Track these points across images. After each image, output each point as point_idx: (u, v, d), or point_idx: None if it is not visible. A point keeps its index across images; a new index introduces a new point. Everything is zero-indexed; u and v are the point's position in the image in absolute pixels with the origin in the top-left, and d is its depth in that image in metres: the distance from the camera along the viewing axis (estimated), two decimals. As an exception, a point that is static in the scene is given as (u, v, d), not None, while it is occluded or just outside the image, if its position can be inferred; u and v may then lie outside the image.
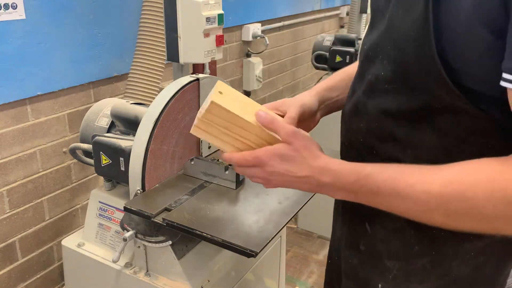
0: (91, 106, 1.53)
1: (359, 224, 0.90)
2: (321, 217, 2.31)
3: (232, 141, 0.81)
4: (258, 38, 2.90)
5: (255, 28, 2.86)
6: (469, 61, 0.65)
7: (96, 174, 1.61)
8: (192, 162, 1.31)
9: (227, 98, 0.79)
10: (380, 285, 0.87)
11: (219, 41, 1.64)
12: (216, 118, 0.78)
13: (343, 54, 2.55)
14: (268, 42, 2.95)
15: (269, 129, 0.78)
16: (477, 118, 0.68)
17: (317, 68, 2.70)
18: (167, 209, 1.15)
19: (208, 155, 1.42)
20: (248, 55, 2.93)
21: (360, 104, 0.84)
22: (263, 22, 2.96)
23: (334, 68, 2.93)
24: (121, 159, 1.27)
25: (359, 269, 0.92)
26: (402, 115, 0.75)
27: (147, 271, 1.28)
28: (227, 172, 1.25)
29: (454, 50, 0.65)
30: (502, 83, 0.61)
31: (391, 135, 0.78)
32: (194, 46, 1.58)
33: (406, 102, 0.74)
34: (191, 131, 0.81)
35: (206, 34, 1.58)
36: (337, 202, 1.03)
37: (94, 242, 1.42)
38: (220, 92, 0.79)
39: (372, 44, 0.81)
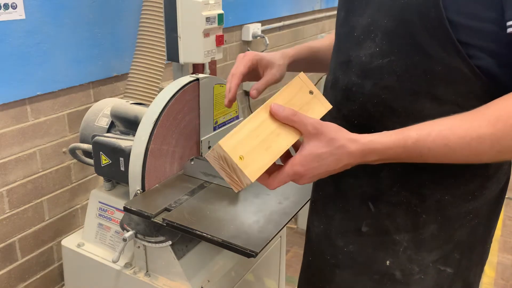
0: (91, 106, 1.52)
1: (359, 206, 0.90)
2: (321, 217, 2.31)
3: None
4: (258, 38, 2.90)
5: (255, 28, 2.86)
6: (472, 14, 0.70)
7: (96, 174, 1.61)
8: (192, 162, 1.31)
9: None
10: (388, 262, 0.88)
11: (219, 41, 1.64)
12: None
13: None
14: (268, 42, 2.95)
15: (290, 122, 0.75)
16: (470, 81, 0.73)
17: (317, 68, 2.69)
18: (167, 209, 1.15)
19: (208, 155, 1.42)
20: (248, 55, 2.93)
21: (355, 87, 0.84)
22: (263, 22, 2.96)
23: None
24: (121, 159, 1.27)
25: (357, 255, 0.91)
26: (400, 87, 0.78)
27: (147, 271, 1.28)
28: (227, 172, 1.25)
29: (458, 5, 0.70)
30: (510, 30, 0.68)
31: (390, 110, 0.80)
32: (194, 46, 1.58)
33: (404, 72, 0.77)
34: (236, 191, 0.78)
35: (206, 34, 1.58)
36: (318, 197, 1.02)
37: (94, 242, 1.42)
38: (240, 158, 0.73)
39: (363, 27, 0.82)
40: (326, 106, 0.82)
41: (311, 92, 0.80)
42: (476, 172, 0.83)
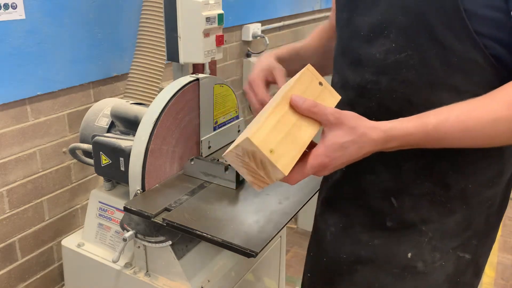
0: (91, 106, 1.52)
1: (382, 202, 0.90)
2: (321, 217, 2.31)
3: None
4: (258, 38, 2.90)
5: (255, 28, 2.86)
6: (487, 3, 0.71)
7: (96, 174, 1.61)
8: (192, 162, 1.31)
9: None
10: (409, 255, 0.89)
11: (219, 41, 1.64)
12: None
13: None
14: (268, 42, 2.95)
15: (311, 114, 0.74)
16: (486, 72, 0.75)
17: (317, 68, 2.69)
18: (167, 209, 1.15)
19: (208, 155, 1.42)
20: (248, 55, 2.93)
21: (369, 84, 0.85)
22: (263, 22, 2.96)
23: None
24: (121, 159, 1.27)
25: (381, 249, 0.92)
26: (418, 80, 0.79)
27: (147, 271, 1.28)
28: (227, 172, 1.25)
29: None
30: None
31: (408, 103, 0.81)
32: (194, 46, 1.58)
33: (421, 66, 0.78)
34: (258, 190, 0.77)
35: (206, 34, 1.58)
36: (334, 196, 1.02)
37: (94, 242, 1.42)
38: (271, 151, 0.71)
39: (373, 26, 0.83)
40: (336, 97, 0.82)
41: (320, 84, 0.79)
42: (492, 159, 0.85)
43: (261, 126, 0.70)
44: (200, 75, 1.34)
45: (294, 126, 0.73)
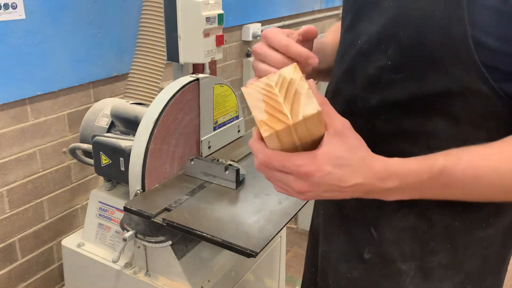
0: (91, 106, 1.52)
1: (361, 231, 0.82)
2: (321, 217, 2.31)
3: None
4: (258, 38, 2.90)
5: (255, 28, 2.86)
6: (506, 37, 0.61)
7: (96, 174, 1.61)
8: (192, 162, 1.31)
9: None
10: None
11: (219, 41, 1.64)
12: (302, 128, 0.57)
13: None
14: (268, 42, 2.94)
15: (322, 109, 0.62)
16: (490, 101, 0.66)
17: (317, 68, 2.69)
18: (167, 209, 1.15)
19: (208, 155, 1.42)
20: (248, 55, 2.93)
21: (359, 100, 0.77)
22: (263, 22, 2.96)
23: (334, 68, 2.94)
24: (121, 159, 1.27)
25: (362, 282, 0.84)
26: (412, 105, 0.70)
27: (147, 271, 1.28)
28: (227, 172, 1.25)
29: (489, 24, 0.62)
30: None
31: (399, 128, 0.73)
32: (194, 46, 1.58)
33: (418, 90, 0.69)
34: (265, 135, 0.57)
35: (206, 34, 1.58)
36: (319, 215, 0.94)
37: (94, 242, 1.42)
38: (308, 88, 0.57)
39: (370, 36, 0.74)
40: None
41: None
42: None
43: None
44: (200, 75, 1.34)
45: None
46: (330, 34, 1.02)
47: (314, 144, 0.61)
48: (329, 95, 0.84)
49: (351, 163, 0.61)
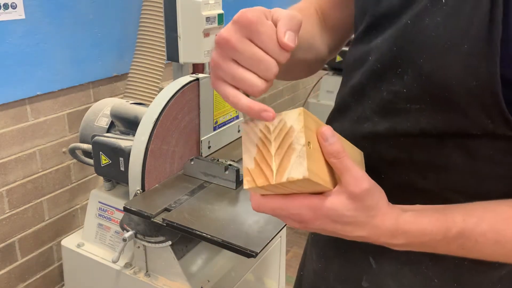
0: (90, 106, 1.52)
1: (360, 258, 0.75)
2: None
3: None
4: (258, 38, 2.89)
5: (255, 28, 2.85)
6: None
7: (95, 174, 1.61)
8: (192, 162, 1.31)
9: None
10: None
11: (219, 41, 1.64)
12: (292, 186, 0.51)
13: (343, 53, 2.55)
14: (268, 42, 2.94)
15: (332, 163, 0.54)
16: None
17: (317, 68, 2.69)
18: (167, 209, 1.14)
19: (208, 155, 1.42)
20: (248, 55, 2.92)
21: (367, 123, 0.69)
22: (263, 22, 2.96)
23: (334, 68, 2.93)
24: (121, 159, 1.27)
25: None
26: (425, 137, 0.62)
27: (147, 271, 1.28)
28: (227, 172, 1.25)
29: None
30: None
31: (408, 157, 0.65)
32: (194, 46, 1.58)
33: (433, 126, 0.61)
34: (246, 187, 0.51)
35: (206, 34, 1.58)
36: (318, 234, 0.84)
37: (93, 243, 1.42)
38: (309, 144, 0.50)
39: (383, 55, 0.64)
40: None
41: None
42: None
43: (304, 115, 0.51)
44: (200, 75, 1.34)
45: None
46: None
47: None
48: (336, 109, 0.76)
49: (358, 220, 0.55)
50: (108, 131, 1.40)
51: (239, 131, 1.56)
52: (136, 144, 1.21)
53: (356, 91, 0.70)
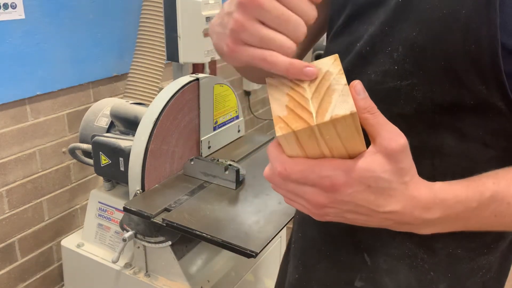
0: (90, 106, 1.52)
1: (352, 256, 0.73)
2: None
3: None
4: (258, 38, 2.89)
5: (255, 28, 2.85)
6: None
7: (95, 174, 1.61)
8: (192, 162, 1.31)
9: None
10: None
11: (219, 41, 1.64)
12: (332, 131, 0.45)
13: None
14: (268, 42, 2.94)
15: (364, 119, 0.49)
16: (503, 118, 0.58)
17: (317, 68, 2.69)
18: (166, 209, 1.14)
19: (208, 155, 1.42)
20: (248, 55, 2.92)
21: None
22: (263, 22, 2.96)
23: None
24: (121, 159, 1.27)
25: None
26: (417, 117, 0.61)
27: (147, 271, 1.28)
28: (227, 172, 1.25)
29: None
30: None
31: None
32: (194, 46, 1.57)
33: (425, 100, 0.60)
34: (278, 134, 0.45)
35: (206, 34, 1.58)
36: (297, 239, 0.82)
37: (93, 243, 1.42)
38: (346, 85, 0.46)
39: (373, 37, 0.63)
40: None
41: None
42: None
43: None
44: (200, 75, 1.34)
45: None
46: None
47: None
48: None
49: (392, 187, 0.50)
50: (108, 131, 1.40)
51: (239, 131, 1.55)
52: (136, 144, 1.21)
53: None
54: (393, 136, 0.49)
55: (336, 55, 0.47)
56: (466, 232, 0.62)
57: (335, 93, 0.44)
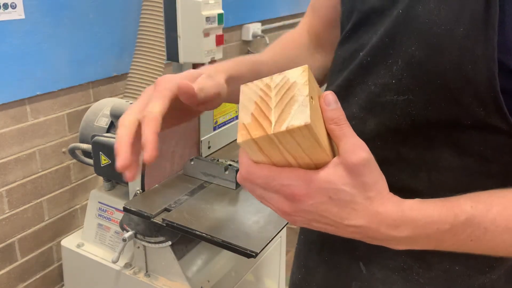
0: (90, 106, 1.52)
1: (348, 263, 0.72)
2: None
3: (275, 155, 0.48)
4: (258, 37, 2.90)
5: (255, 28, 2.85)
6: None
7: (95, 174, 1.60)
8: (192, 162, 1.30)
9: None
10: None
11: (219, 40, 1.64)
12: (293, 140, 0.46)
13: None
14: (268, 42, 2.94)
15: (331, 130, 0.49)
16: (506, 135, 0.57)
17: (317, 68, 2.69)
18: (166, 210, 1.14)
19: (208, 155, 1.41)
20: (248, 54, 2.93)
21: (354, 120, 0.65)
22: (263, 22, 2.96)
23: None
24: (121, 159, 1.26)
25: None
26: (413, 132, 0.60)
27: (147, 271, 1.28)
28: (227, 172, 1.24)
29: None
30: None
31: (398, 157, 0.63)
32: (194, 46, 1.57)
33: (422, 117, 0.59)
34: (239, 141, 0.47)
35: (206, 34, 1.58)
36: (300, 242, 0.83)
37: (93, 243, 1.42)
38: (311, 99, 0.47)
39: (375, 47, 0.63)
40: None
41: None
42: None
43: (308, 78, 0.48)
44: (200, 75, 1.33)
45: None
46: (271, 50, 0.85)
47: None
48: None
49: (355, 200, 0.49)
50: (108, 131, 1.40)
51: (239, 131, 1.55)
52: (136, 144, 1.21)
53: (342, 89, 0.68)
54: (355, 149, 0.48)
55: (306, 66, 0.48)
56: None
57: (296, 104, 0.45)
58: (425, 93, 0.58)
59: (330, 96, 0.49)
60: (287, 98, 0.46)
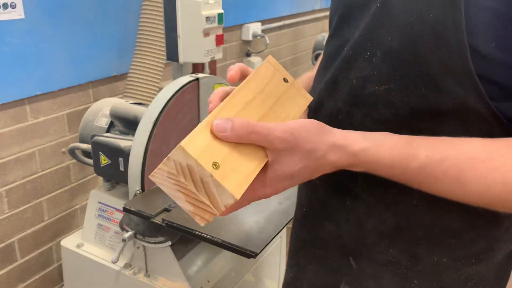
0: (90, 106, 1.52)
1: (339, 260, 0.75)
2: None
3: None
4: (258, 37, 2.90)
5: (255, 28, 2.85)
6: (506, 43, 0.53)
7: (95, 174, 1.60)
8: (192, 162, 1.30)
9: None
10: None
11: (219, 40, 1.64)
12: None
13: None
14: (268, 42, 2.94)
15: (250, 142, 0.53)
16: (488, 124, 0.58)
17: (317, 67, 2.69)
18: (166, 210, 1.14)
19: (208, 155, 1.41)
20: (248, 54, 2.92)
21: (341, 115, 0.68)
22: (263, 22, 2.96)
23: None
24: (120, 159, 1.26)
25: None
26: (397, 124, 0.62)
27: (147, 271, 1.28)
28: (227, 172, 1.24)
29: (492, 32, 0.54)
30: None
31: None
32: (194, 46, 1.57)
33: (404, 105, 0.61)
34: (203, 225, 0.56)
35: (206, 34, 1.58)
36: (292, 237, 0.85)
37: (93, 243, 1.42)
38: (215, 164, 0.50)
39: (355, 42, 0.66)
40: (307, 98, 0.66)
41: (285, 80, 0.63)
42: (483, 231, 0.66)
43: (199, 131, 0.50)
44: (200, 75, 1.33)
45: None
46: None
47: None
48: (311, 107, 0.75)
49: (308, 167, 0.56)
50: (108, 131, 1.39)
51: (239, 131, 1.55)
52: (135, 144, 1.21)
53: (329, 85, 0.71)
54: (277, 133, 0.54)
55: (180, 145, 0.48)
56: (451, 241, 0.66)
57: (210, 185, 0.49)
58: (405, 81, 0.60)
59: (219, 125, 0.52)
60: (198, 181, 0.49)
